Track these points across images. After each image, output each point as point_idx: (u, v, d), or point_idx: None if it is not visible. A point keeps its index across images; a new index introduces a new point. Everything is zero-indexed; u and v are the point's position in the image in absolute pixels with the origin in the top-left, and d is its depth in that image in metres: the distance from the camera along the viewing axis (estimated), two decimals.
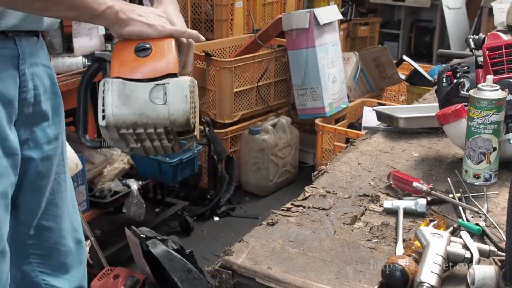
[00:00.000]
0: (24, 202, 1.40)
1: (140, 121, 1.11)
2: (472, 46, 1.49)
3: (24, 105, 1.30)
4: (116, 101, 1.11)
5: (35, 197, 1.41)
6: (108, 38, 2.61)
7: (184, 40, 1.24)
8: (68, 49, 2.50)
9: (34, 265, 1.49)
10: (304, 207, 1.21)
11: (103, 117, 1.11)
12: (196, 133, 1.19)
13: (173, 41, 1.18)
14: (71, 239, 1.53)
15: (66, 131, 1.51)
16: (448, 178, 1.30)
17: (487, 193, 1.24)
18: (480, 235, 1.09)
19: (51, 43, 2.46)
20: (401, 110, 1.68)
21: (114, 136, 1.14)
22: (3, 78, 1.23)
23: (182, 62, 1.22)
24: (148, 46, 1.15)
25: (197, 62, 3.34)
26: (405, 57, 4.01)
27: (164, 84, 1.11)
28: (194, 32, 1.25)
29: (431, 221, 1.11)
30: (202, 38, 1.27)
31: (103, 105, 1.11)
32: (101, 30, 2.52)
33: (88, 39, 2.49)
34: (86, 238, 2.42)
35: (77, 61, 2.46)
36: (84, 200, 2.59)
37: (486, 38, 1.56)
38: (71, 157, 2.24)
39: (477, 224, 1.11)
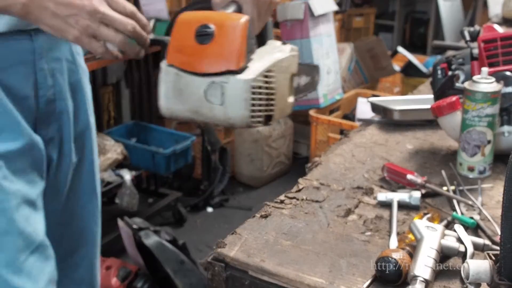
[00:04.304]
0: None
1: (197, 118, 1.02)
2: (468, 38, 1.48)
3: (43, 102, 1.19)
4: (170, 93, 1.01)
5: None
6: None
7: None
8: None
9: None
10: (297, 199, 1.20)
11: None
12: (278, 115, 1.06)
13: (242, 24, 0.99)
14: None
15: None
16: (443, 171, 1.29)
17: (482, 186, 1.23)
18: (474, 229, 1.09)
19: None
20: (396, 102, 1.67)
21: None
22: (13, 74, 1.13)
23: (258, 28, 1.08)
24: (210, 30, 0.98)
25: None
26: (399, 48, 4.00)
27: (222, 82, 0.98)
28: None
29: (425, 214, 1.11)
30: None
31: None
32: None
33: None
34: None
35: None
36: None
37: (481, 30, 1.55)
38: None
39: (471, 218, 1.10)
